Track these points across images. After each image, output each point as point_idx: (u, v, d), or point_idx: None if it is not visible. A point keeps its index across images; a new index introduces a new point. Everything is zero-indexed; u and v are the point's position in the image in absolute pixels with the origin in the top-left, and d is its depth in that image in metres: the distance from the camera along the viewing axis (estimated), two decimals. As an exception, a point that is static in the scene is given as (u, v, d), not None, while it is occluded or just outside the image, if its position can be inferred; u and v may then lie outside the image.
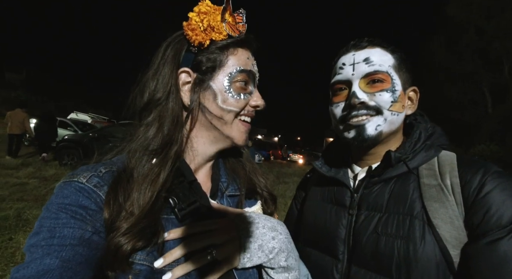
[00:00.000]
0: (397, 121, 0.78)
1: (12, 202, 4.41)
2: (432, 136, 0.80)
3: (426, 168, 0.74)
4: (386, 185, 0.76)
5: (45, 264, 0.47)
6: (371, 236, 0.71)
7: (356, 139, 0.77)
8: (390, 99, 0.75)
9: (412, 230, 0.66)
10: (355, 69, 0.78)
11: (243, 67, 0.70)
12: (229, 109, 0.69)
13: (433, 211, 0.66)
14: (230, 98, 0.69)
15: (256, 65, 0.77)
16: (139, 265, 0.55)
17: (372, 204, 0.76)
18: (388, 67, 0.77)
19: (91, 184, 0.58)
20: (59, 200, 0.55)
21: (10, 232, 3.35)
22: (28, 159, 8.41)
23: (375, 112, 0.76)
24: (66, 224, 0.52)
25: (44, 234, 0.51)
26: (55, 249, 0.49)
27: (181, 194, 0.63)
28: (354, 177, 0.86)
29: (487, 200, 0.62)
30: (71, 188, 0.57)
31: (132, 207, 0.56)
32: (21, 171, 6.63)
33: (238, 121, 0.71)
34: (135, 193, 0.58)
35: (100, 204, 0.57)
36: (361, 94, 0.76)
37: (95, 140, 8.04)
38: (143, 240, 0.55)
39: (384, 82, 0.76)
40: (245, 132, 0.73)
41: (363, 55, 0.78)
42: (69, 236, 0.51)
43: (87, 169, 0.61)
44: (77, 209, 0.54)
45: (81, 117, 17.26)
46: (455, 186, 0.67)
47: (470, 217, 0.63)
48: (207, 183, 0.76)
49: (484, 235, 0.60)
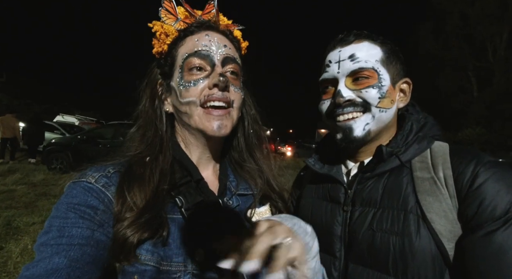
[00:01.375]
0: (386, 118, 0.76)
1: (1, 210, 4.28)
2: (425, 127, 0.78)
3: (419, 161, 0.73)
4: (380, 179, 0.75)
5: (53, 263, 0.48)
6: (367, 232, 0.70)
7: (344, 140, 0.77)
8: (377, 95, 0.74)
9: (407, 225, 0.65)
10: (340, 67, 0.76)
11: (189, 52, 0.68)
12: (186, 101, 0.68)
13: (427, 205, 0.66)
14: (183, 90, 0.68)
15: (226, 40, 0.73)
16: (144, 265, 0.56)
17: (366, 199, 0.75)
18: (374, 63, 0.75)
19: (99, 184, 0.60)
20: (68, 199, 0.57)
21: (1, 241, 3.25)
22: (15, 165, 8.17)
23: (362, 109, 0.75)
24: (74, 223, 0.53)
25: (54, 233, 0.52)
26: (64, 248, 0.50)
27: (188, 194, 0.65)
28: (347, 173, 0.84)
29: (481, 191, 0.61)
30: (80, 188, 0.58)
31: (136, 200, 0.58)
32: (8, 177, 6.43)
33: (201, 110, 0.67)
34: (138, 188, 0.60)
35: (108, 204, 0.58)
36: (347, 92, 0.75)
37: (84, 142, 7.87)
38: (149, 232, 0.56)
39: (370, 79, 0.74)
40: (214, 120, 0.67)
41: (349, 51, 0.76)
42: (77, 235, 0.52)
43: (96, 169, 0.63)
44: (86, 209, 0.55)
45: (67, 119, 16.82)
46: (448, 178, 0.66)
47: (464, 209, 0.62)
48: (215, 182, 0.75)
49: (479, 227, 0.59)
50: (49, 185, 6.06)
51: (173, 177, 0.67)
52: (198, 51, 0.68)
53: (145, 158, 0.67)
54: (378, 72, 0.74)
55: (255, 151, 0.82)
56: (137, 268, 0.56)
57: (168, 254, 0.58)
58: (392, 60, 0.77)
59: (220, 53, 0.69)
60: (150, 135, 0.71)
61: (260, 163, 0.81)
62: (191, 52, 0.68)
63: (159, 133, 0.72)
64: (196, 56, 0.67)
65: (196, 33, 0.70)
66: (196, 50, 0.67)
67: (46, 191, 5.58)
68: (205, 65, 0.68)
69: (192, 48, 0.68)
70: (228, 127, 0.69)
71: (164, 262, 0.57)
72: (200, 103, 0.67)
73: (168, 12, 0.73)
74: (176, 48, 0.71)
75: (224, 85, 0.66)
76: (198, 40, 0.69)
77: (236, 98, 0.71)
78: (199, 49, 0.68)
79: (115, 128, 7.99)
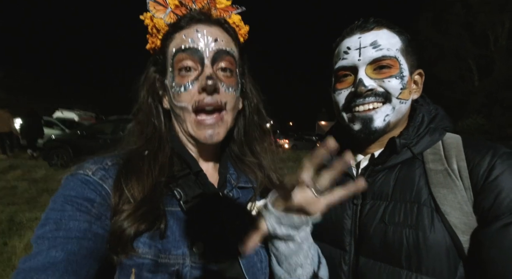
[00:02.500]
0: (404, 110, 0.75)
1: (3, 206, 4.30)
2: (436, 119, 0.77)
3: (431, 153, 0.72)
4: (391, 172, 0.74)
5: (51, 256, 0.48)
6: (378, 226, 0.69)
7: (363, 131, 0.74)
8: (400, 86, 0.71)
9: (421, 218, 0.64)
10: (361, 54, 0.72)
11: (176, 48, 0.65)
12: (179, 106, 0.66)
13: (441, 197, 0.64)
14: (175, 94, 0.66)
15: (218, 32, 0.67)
16: (142, 259, 0.55)
17: (377, 192, 0.73)
18: (396, 52, 0.72)
19: (96, 177, 0.59)
20: (65, 192, 0.56)
21: (4, 237, 3.28)
22: (16, 161, 8.19)
23: (383, 99, 0.72)
24: (72, 216, 0.53)
25: (51, 226, 0.52)
26: (61, 241, 0.50)
27: (187, 187, 0.65)
28: (356, 165, 0.82)
29: (498, 183, 0.60)
30: (77, 180, 0.58)
31: (134, 193, 0.58)
32: (10, 173, 6.46)
33: (193, 118, 0.65)
34: (136, 181, 0.60)
35: (105, 196, 0.57)
36: (369, 81, 0.72)
37: (84, 138, 7.87)
38: (146, 224, 0.56)
39: (392, 68, 0.71)
40: (206, 129, 0.65)
41: (370, 38, 0.72)
42: (74, 228, 0.51)
43: (94, 162, 0.62)
44: (83, 201, 0.55)
45: (67, 115, 16.71)
46: (463, 169, 0.65)
47: (480, 201, 0.61)
48: (214, 174, 0.74)
49: (496, 219, 0.58)
50: (50, 181, 6.08)
51: (171, 170, 0.66)
52: (185, 48, 0.64)
53: (144, 151, 0.67)
54: (399, 62, 0.72)
55: (255, 145, 0.79)
56: (134, 261, 0.55)
57: (167, 247, 0.57)
58: (409, 51, 0.75)
59: (210, 48, 0.64)
60: (149, 132, 0.71)
61: (260, 157, 0.79)
62: (178, 48, 0.64)
63: (157, 130, 0.71)
64: (184, 53, 0.64)
65: (185, 28, 0.66)
66: (183, 46, 0.64)
67: (48, 186, 5.60)
68: (193, 63, 0.64)
69: (180, 44, 0.65)
70: (220, 135, 0.67)
71: (163, 255, 0.57)
72: (192, 110, 0.64)
73: (157, 3, 0.68)
74: (167, 44, 0.68)
75: (213, 89, 0.63)
76: (186, 35, 0.65)
77: (229, 100, 0.67)
78: (187, 46, 0.64)
79: (114, 124, 7.97)
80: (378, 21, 0.74)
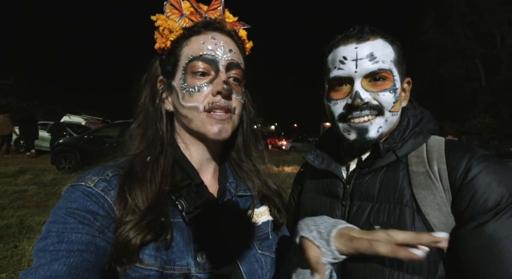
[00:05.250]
0: (396, 120, 0.78)
1: (13, 210, 4.39)
2: (421, 123, 0.79)
3: (414, 155, 0.74)
4: (377, 174, 0.77)
5: (52, 270, 0.47)
6: (364, 226, 0.72)
7: (358, 141, 0.76)
8: (393, 100, 0.73)
9: (403, 218, 0.67)
10: (358, 66, 0.72)
11: (194, 55, 0.66)
12: (188, 106, 0.66)
13: (421, 198, 0.67)
14: (186, 95, 0.66)
15: (232, 43, 0.70)
16: (147, 270, 0.55)
17: (364, 194, 0.76)
18: (390, 63, 0.73)
19: (98, 189, 0.58)
20: (67, 204, 0.55)
21: (15, 240, 3.35)
22: (25, 166, 8.34)
23: (377, 112, 0.73)
24: (74, 229, 0.52)
25: (52, 238, 0.51)
26: (63, 254, 0.49)
27: (189, 197, 0.65)
28: (346, 168, 0.86)
29: (473, 184, 0.62)
30: (79, 192, 0.57)
31: (138, 202, 0.58)
32: (19, 178, 6.58)
33: (204, 115, 0.66)
34: (139, 190, 0.59)
35: (108, 209, 0.57)
36: (365, 94, 0.72)
37: (91, 142, 7.97)
38: (152, 234, 0.56)
39: (387, 81, 0.73)
40: (216, 123, 0.66)
41: (367, 49, 0.72)
42: (76, 241, 0.51)
43: (95, 173, 0.61)
44: (85, 214, 0.54)
45: (74, 119, 17.02)
46: (443, 172, 0.68)
47: (457, 202, 0.64)
48: (214, 184, 0.75)
49: (471, 219, 0.60)
50: (58, 185, 6.18)
51: (173, 179, 0.66)
52: (203, 55, 0.66)
53: (146, 157, 0.66)
54: (393, 74, 0.73)
55: (251, 151, 0.82)
56: (140, 273, 0.55)
57: (171, 258, 0.58)
58: (401, 60, 0.76)
59: (225, 58, 0.67)
60: (150, 134, 0.70)
61: (257, 163, 0.81)
62: (196, 55, 0.66)
63: (159, 133, 0.70)
64: (200, 60, 0.65)
65: (202, 34, 0.68)
66: (201, 54, 0.66)
67: (56, 190, 5.70)
68: (209, 69, 0.66)
69: (197, 51, 0.66)
70: (228, 131, 0.68)
71: (168, 266, 0.57)
72: (203, 110, 0.66)
73: (173, 7, 0.70)
74: (180, 48, 0.69)
75: (228, 94, 0.65)
76: (204, 42, 0.67)
77: (238, 106, 0.71)
78: (204, 53, 0.66)
79: (120, 127, 8.07)
80: (373, 31, 0.74)
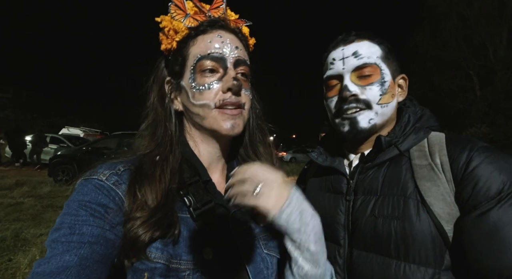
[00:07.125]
0: (389, 111, 0.80)
1: (9, 222, 4.31)
2: (421, 119, 0.82)
3: (416, 150, 0.76)
4: (380, 169, 0.79)
5: (64, 260, 0.49)
6: (369, 219, 0.73)
7: (351, 132, 0.80)
8: (379, 93, 0.78)
9: (407, 209, 0.68)
10: (345, 64, 0.80)
11: (201, 54, 0.68)
12: (199, 104, 0.67)
13: (425, 190, 0.68)
14: (196, 93, 0.67)
15: (237, 40, 0.72)
16: (154, 263, 0.56)
17: (368, 188, 0.78)
18: (376, 59, 0.79)
19: (110, 182, 0.60)
20: (80, 197, 0.57)
21: (9, 253, 3.27)
22: (22, 178, 8.26)
23: (365, 106, 0.78)
24: (85, 221, 0.54)
25: (65, 230, 0.53)
26: (74, 246, 0.51)
27: (197, 194, 0.65)
28: (349, 164, 0.88)
29: (475, 174, 0.64)
30: (91, 186, 0.58)
31: (147, 199, 0.59)
32: (16, 190, 6.49)
33: (216, 112, 0.67)
34: (149, 187, 0.60)
35: (119, 202, 0.58)
36: (353, 87, 0.79)
37: (89, 154, 7.94)
38: (160, 231, 0.57)
39: (373, 75, 0.78)
40: (228, 119, 0.67)
41: (352, 49, 0.80)
42: (88, 233, 0.52)
43: (107, 167, 0.63)
44: (97, 207, 0.56)
45: (72, 131, 17.05)
46: (445, 163, 0.70)
47: (460, 192, 0.65)
48: (222, 183, 0.76)
49: (474, 208, 0.62)
50: (55, 197, 6.11)
51: (182, 176, 0.67)
52: (211, 53, 0.67)
53: (155, 157, 0.67)
54: (380, 68, 0.79)
55: (258, 147, 0.82)
56: (147, 265, 0.56)
57: (178, 252, 0.59)
58: (390, 57, 0.82)
59: (232, 55, 0.68)
60: (160, 135, 0.71)
61: (263, 159, 0.81)
62: (204, 54, 0.67)
63: (168, 133, 0.71)
64: (209, 59, 0.67)
65: (208, 32, 0.69)
66: (209, 52, 0.67)
67: (53, 202, 5.62)
68: (217, 67, 0.67)
69: (205, 50, 0.67)
70: (240, 126, 0.69)
71: (174, 260, 0.58)
72: (215, 106, 0.67)
73: (178, 7, 0.71)
74: (187, 48, 0.70)
75: (238, 89, 0.67)
76: (211, 41, 0.68)
77: (247, 101, 0.72)
78: (212, 51, 0.67)
79: (119, 139, 8.07)
80: (358, 34, 0.82)
